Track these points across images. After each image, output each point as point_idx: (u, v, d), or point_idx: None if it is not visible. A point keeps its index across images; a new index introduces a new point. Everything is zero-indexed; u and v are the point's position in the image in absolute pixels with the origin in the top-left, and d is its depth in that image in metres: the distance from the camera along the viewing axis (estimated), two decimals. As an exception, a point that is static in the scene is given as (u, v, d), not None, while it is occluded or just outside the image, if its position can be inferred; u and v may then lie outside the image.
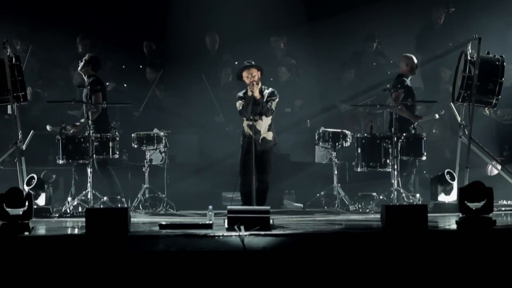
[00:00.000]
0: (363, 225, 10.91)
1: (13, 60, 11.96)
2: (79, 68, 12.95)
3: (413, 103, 12.86)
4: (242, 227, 9.14)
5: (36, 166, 13.18)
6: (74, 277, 8.55)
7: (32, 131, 12.46)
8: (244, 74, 11.06)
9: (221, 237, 9.01)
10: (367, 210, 12.67)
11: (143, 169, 13.10)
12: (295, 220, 11.54)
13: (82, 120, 12.79)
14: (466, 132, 12.34)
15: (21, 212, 9.30)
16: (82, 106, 12.81)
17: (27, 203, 9.32)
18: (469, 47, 12.25)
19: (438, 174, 12.57)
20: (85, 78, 12.86)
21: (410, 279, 8.59)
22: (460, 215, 9.49)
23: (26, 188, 11.98)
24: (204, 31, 15.55)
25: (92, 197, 12.28)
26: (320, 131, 13.23)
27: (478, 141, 12.43)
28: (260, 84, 11.08)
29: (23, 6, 15.42)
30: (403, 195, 12.39)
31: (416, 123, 12.84)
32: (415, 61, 13.01)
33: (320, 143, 13.26)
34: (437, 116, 13.31)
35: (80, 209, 12.31)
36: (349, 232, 9.74)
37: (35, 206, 10.91)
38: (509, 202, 13.21)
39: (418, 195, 12.84)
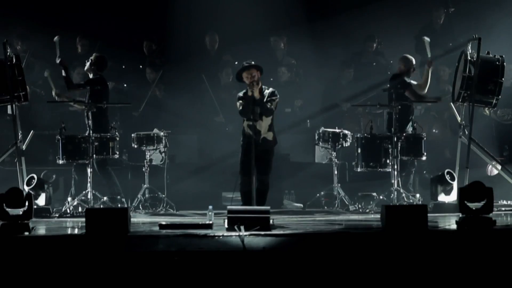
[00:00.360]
0: (363, 225, 10.91)
1: (13, 60, 11.97)
2: (85, 68, 13.00)
3: (412, 104, 12.88)
4: (242, 227, 9.14)
5: (36, 166, 13.19)
6: (74, 277, 8.55)
7: (32, 131, 12.47)
8: (244, 74, 11.04)
9: (221, 237, 9.01)
10: (367, 210, 12.67)
11: (143, 169, 13.11)
12: (295, 220, 11.54)
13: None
14: (466, 132, 12.35)
15: (21, 212, 9.30)
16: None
17: (27, 203, 9.32)
18: (469, 47, 12.25)
19: (438, 174, 12.57)
20: (91, 77, 12.91)
21: (410, 279, 8.59)
22: (460, 215, 9.49)
23: (26, 188, 11.99)
24: (204, 31, 15.55)
25: (92, 197, 12.28)
26: (320, 131, 13.24)
27: (478, 141, 12.43)
28: (260, 84, 11.07)
29: (23, 6, 15.43)
30: (403, 195, 12.39)
31: (415, 123, 12.85)
32: (414, 63, 13.03)
33: (320, 143, 13.26)
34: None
35: (80, 209, 12.32)
36: (349, 232, 9.74)
37: (35, 206, 10.91)
38: (509, 202, 13.21)
39: (418, 195, 12.84)
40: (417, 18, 15.69)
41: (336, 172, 13.08)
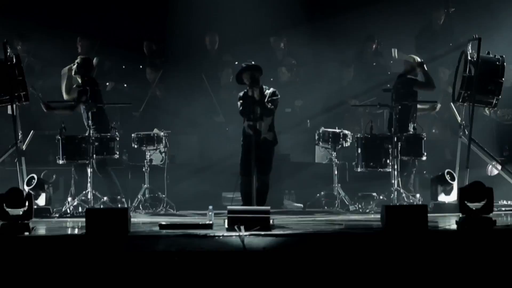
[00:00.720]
0: (363, 225, 10.91)
1: (14, 60, 11.97)
2: (73, 73, 12.97)
3: (412, 104, 12.87)
4: (242, 227, 9.14)
5: (36, 166, 13.19)
6: (74, 277, 8.54)
7: (32, 131, 12.48)
8: (244, 75, 11.06)
9: (221, 237, 9.01)
10: (367, 210, 12.67)
11: (143, 169, 13.11)
12: (295, 220, 11.54)
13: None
14: (466, 132, 12.35)
15: (21, 212, 9.30)
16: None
17: (27, 203, 9.32)
18: (469, 47, 12.25)
19: (438, 174, 12.57)
20: (79, 79, 12.88)
21: (410, 279, 8.59)
22: (460, 215, 9.49)
23: (26, 188, 11.99)
24: (204, 31, 15.54)
25: (92, 197, 12.28)
26: (320, 131, 13.24)
27: (478, 141, 12.43)
28: (260, 84, 11.08)
29: (23, 6, 15.43)
30: (403, 195, 12.39)
31: (415, 123, 12.84)
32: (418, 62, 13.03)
33: (320, 143, 13.26)
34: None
35: (80, 209, 12.32)
36: (349, 232, 9.74)
37: (35, 206, 10.91)
38: (509, 202, 13.21)
39: (418, 195, 12.83)
40: (417, 18, 15.68)
41: (336, 172, 13.08)
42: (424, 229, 9.27)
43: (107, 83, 13.67)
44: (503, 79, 12.27)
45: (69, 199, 12.67)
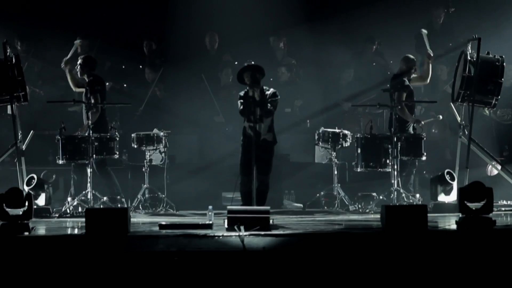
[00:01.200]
0: (363, 225, 10.91)
1: (13, 60, 11.97)
2: (79, 74, 12.97)
3: (412, 104, 12.87)
4: (242, 227, 9.14)
5: (36, 166, 13.20)
6: (74, 277, 8.54)
7: (32, 131, 12.48)
8: (245, 75, 11.07)
9: (221, 237, 9.02)
10: (367, 210, 12.68)
11: (143, 169, 13.11)
12: (295, 220, 11.54)
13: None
14: (466, 132, 12.35)
15: (21, 212, 9.30)
16: (81, 105, 12.85)
17: (27, 203, 9.32)
18: (469, 47, 12.25)
19: (438, 174, 12.57)
20: (85, 78, 12.88)
21: (410, 279, 8.59)
22: (460, 215, 9.49)
23: (26, 188, 11.99)
24: (204, 31, 15.54)
25: (92, 197, 12.28)
26: (320, 131, 13.24)
27: (478, 141, 12.44)
28: (261, 85, 11.08)
29: (24, 6, 15.43)
30: (403, 195, 12.39)
31: (415, 123, 12.84)
32: (415, 63, 13.02)
33: (320, 143, 13.26)
34: (440, 117, 13.42)
35: (80, 209, 12.32)
36: (349, 232, 9.74)
37: (35, 206, 10.91)
38: (509, 202, 13.21)
39: (418, 195, 12.84)
40: (417, 18, 15.68)
41: (336, 172, 13.08)
42: (424, 229, 9.27)
43: (106, 83, 13.66)
44: (502, 79, 12.27)
45: (69, 199, 12.66)
